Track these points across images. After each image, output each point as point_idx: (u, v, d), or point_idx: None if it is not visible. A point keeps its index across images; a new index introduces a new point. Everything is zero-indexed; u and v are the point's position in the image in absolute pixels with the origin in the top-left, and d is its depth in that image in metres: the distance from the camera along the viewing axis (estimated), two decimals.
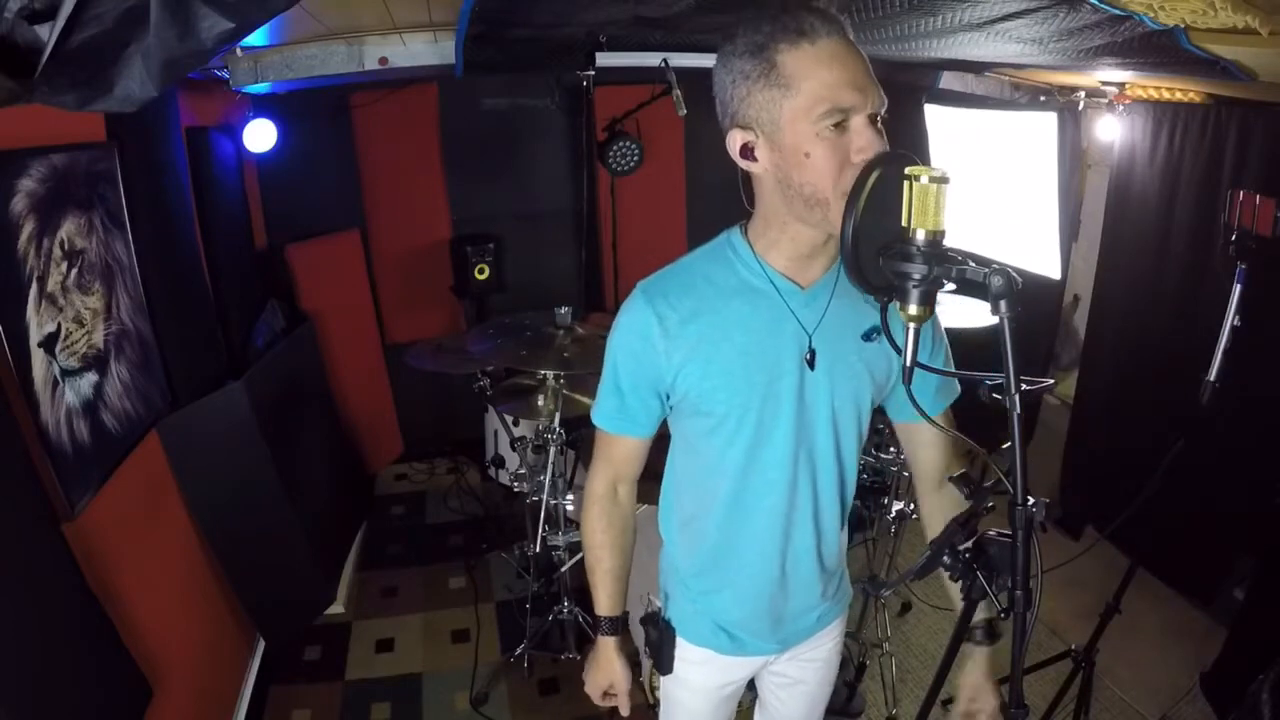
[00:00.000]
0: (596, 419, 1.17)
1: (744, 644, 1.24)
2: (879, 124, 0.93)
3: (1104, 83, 2.59)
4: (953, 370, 1.14)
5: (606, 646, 1.28)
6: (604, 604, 1.27)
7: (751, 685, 1.41)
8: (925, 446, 1.20)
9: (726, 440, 1.09)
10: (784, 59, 0.90)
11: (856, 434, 1.14)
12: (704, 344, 1.04)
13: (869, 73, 0.92)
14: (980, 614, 1.09)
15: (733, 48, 0.94)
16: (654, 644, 1.29)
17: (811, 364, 1.05)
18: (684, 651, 1.27)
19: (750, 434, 1.08)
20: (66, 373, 1.54)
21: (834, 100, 0.89)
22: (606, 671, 1.29)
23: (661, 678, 1.32)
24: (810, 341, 1.05)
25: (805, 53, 0.89)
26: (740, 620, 1.22)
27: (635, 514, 1.28)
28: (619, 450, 1.19)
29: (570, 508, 2.42)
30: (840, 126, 0.90)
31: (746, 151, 0.96)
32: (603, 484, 1.23)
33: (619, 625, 1.28)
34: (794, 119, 0.90)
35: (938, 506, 1.21)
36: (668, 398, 1.11)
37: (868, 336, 1.08)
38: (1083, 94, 2.83)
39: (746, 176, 1.02)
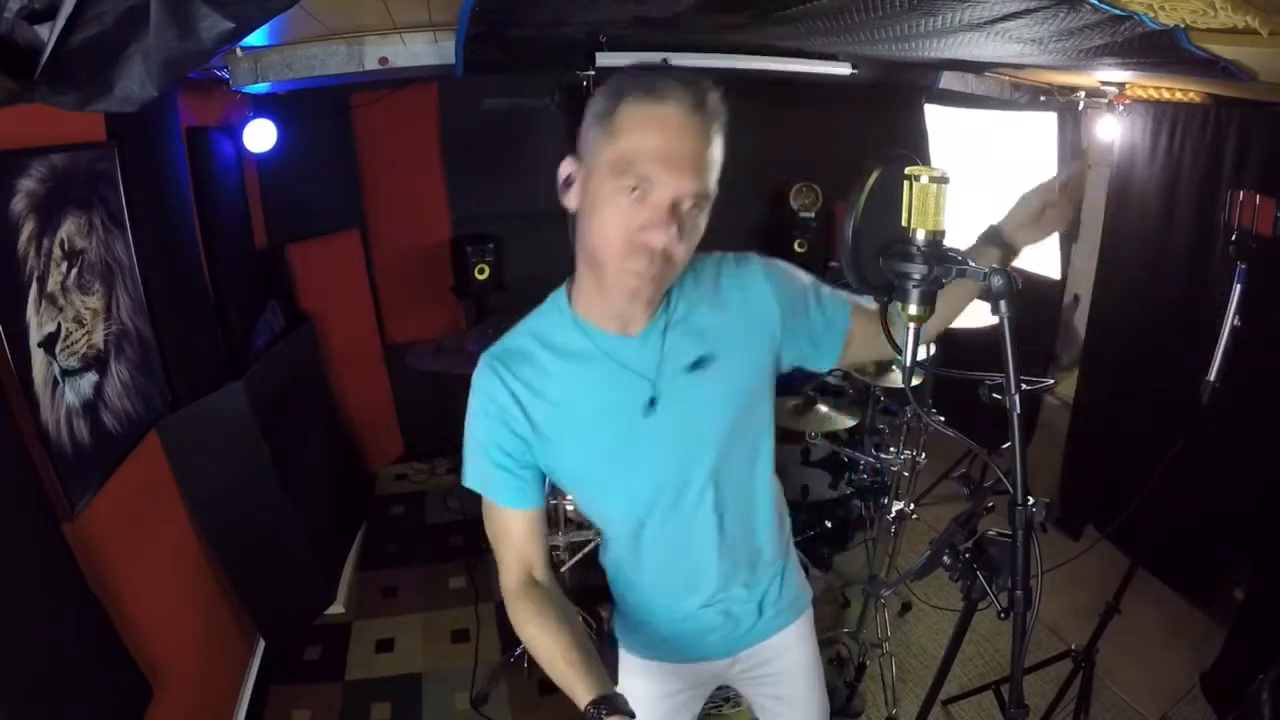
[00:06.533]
0: (483, 490, 1.06)
1: (685, 650, 1.23)
2: (688, 215, 0.91)
3: (1104, 83, 2.59)
4: (951, 370, 1.13)
5: None
6: (585, 686, 0.94)
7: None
8: (857, 340, 1.13)
9: (604, 498, 1.09)
10: (623, 108, 0.89)
11: (740, 450, 1.11)
12: (555, 412, 1.03)
13: (697, 156, 0.89)
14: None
15: (604, 87, 0.93)
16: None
17: (652, 407, 1.03)
18: (629, 663, 1.27)
19: (625, 488, 1.08)
20: (66, 373, 1.54)
21: (635, 165, 0.87)
22: None
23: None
24: (654, 387, 1.03)
25: (641, 110, 0.88)
26: (677, 630, 1.21)
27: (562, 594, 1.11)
28: (518, 528, 1.06)
29: (570, 507, 2.42)
30: (639, 196, 0.88)
31: (568, 182, 0.97)
32: (516, 577, 1.06)
33: (616, 700, 0.92)
34: (602, 168, 0.90)
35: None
36: (533, 464, 1.07)
37: (695, 366, 1.04)
38: (1083, 94, 2.83)
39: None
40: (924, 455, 2.52)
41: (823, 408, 2.59)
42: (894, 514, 2.44)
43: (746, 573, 1.19)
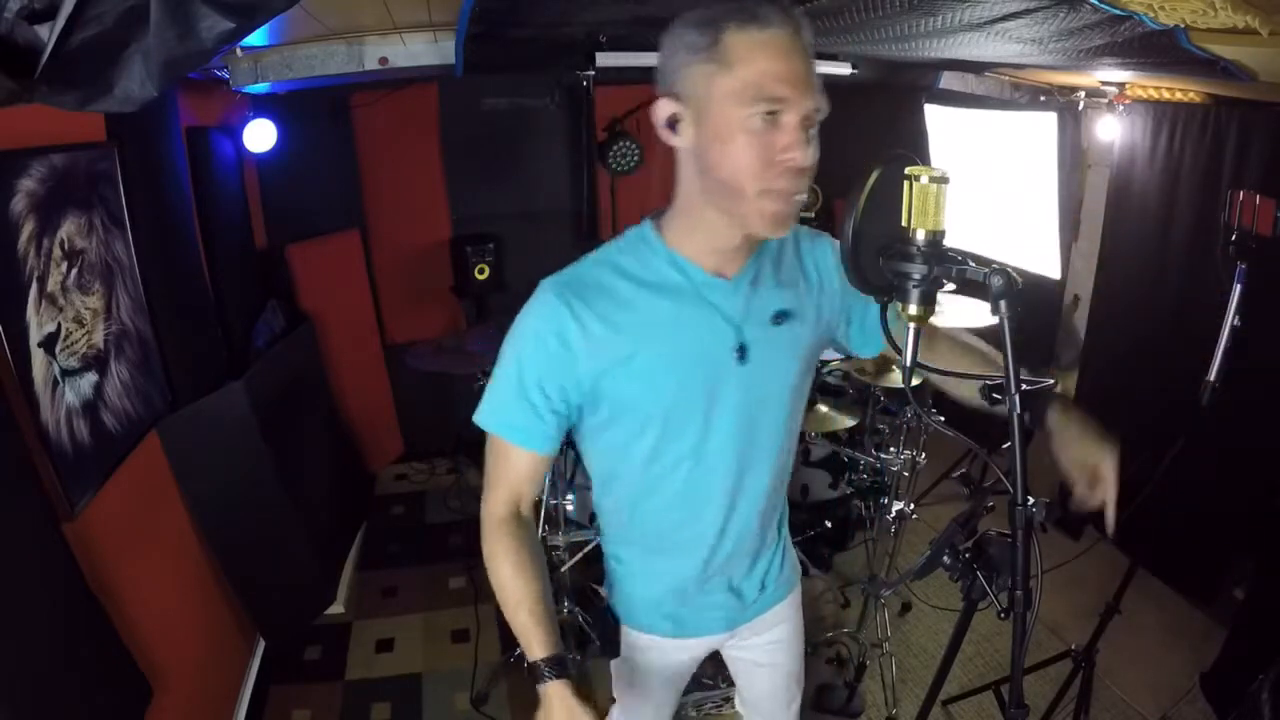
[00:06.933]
0: (499, 430, 1.05)
1: (688, 626, 1.24)
2: (811, 129, 0.92)
3: (1104, 83, 2.59)
4: (951, 370, 1.13)
5: (562, 694, 0.96)
6: (542, 642, 0.99)
7: (729, 677, 1.44)
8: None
9: (657, 444, 1.07)
10: (729, 37, 0.88)
11: (790, 413, 1.13)
12: (627, 346, 1.00)
13: (810, 74, 0.91)
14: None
15: (684, 19, 0.93)
16: (600, 631, 1.26)
17: (743, 356, 1.04)
18: (630, 637, 1.26)
19: (682, 434, 1.06)
20: (66, 373, 1.54)
21: (766, 89, 0.87)
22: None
23: (611, 661, 1.30)
24: (740, 334, 1.04)
25: (751, 36, 0.88)
26: (682, 603, 1.21)
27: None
28: (523, 467, 1.06)
29: (570, 508, 2.42)
30: (771, 120, 0.89)
31: (672, 122, 0.95)
32: (504, 507, 1.08)
33: (566, 664, 1.00)
34: (724, 99, 0.89)
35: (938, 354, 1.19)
36: (576, 404, 1.05)
37: (776, 320, 1.06)
38: (1083, 94, 2.83)
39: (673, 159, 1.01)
40: (924, 455, 2.52)
41: (823, 408, 2.60)
42: (894, 514, 2.44)
43: (757, 541, 1.20)
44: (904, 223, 0.82)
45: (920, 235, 0.81)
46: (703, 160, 0.94)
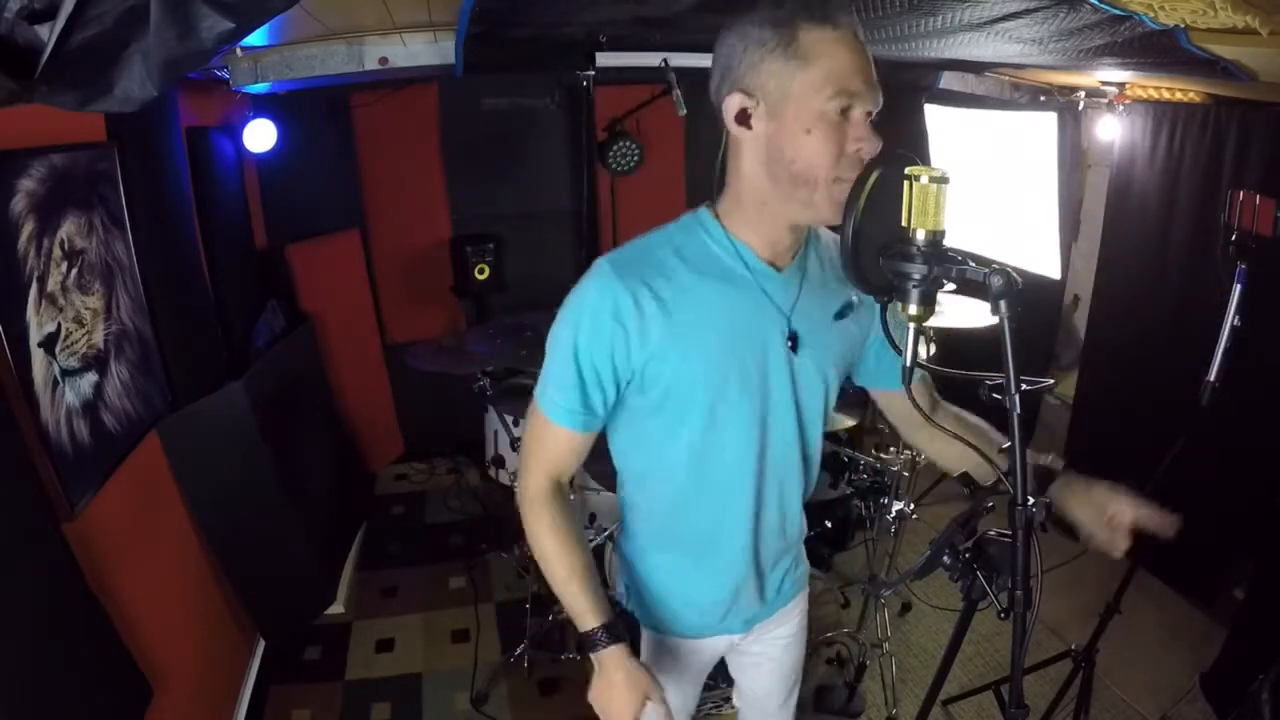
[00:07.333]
0: (551, 414, 1.05)
1: (709, 626, 1.23)
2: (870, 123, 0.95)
3: (1104, 83, 2.59)
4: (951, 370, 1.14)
5: (619, 659, 1.04)
6: (593, 612, 1.05)
7: (728, 677, 1.43)
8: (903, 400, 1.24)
9: (704, 433, 1.06)
10: (804, 35, 0.91)
11: (823, 411, 1.15)
12: (682, 329, 1.00)
13: (874, 72, 0.95)
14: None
15: (751, 18, 0.94)
16: None
17: (795, 346, 1.06)
18: (650, 639, 1.26)
19: (729, 422, 1.06)
20: (66, 373, 1.54)
21: (845, 83, 0.91)
22: (636, 685, 1.04)
23: None
24: (789, 323, 1.05)
25: (826, 34, 0.91)
26: (707, 602, 1.21)
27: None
28: (567, 447, 1.08)
29: None
30: (845, 113, 0.92)
31: (743, 116, 0.96)
32: (544, 483, 1.09)
33: (620, 629, 1.06)
34: (803, 93, 0.91)
35: (937, 437, 1.24)
36: (624, 386, 1.05)
37: (840, 315, 1.10)
38: (1083, 94, 2.83)
39: (725, 154, 1.02)
40: (924, 455, 2.51)
41: None
42: (894, 514, 2.44)
43: (784, 543, 1.21)
44: (904, 223, 0.82)
45: (920, 235, 0.81)
46: (776, 151, 0.95)
